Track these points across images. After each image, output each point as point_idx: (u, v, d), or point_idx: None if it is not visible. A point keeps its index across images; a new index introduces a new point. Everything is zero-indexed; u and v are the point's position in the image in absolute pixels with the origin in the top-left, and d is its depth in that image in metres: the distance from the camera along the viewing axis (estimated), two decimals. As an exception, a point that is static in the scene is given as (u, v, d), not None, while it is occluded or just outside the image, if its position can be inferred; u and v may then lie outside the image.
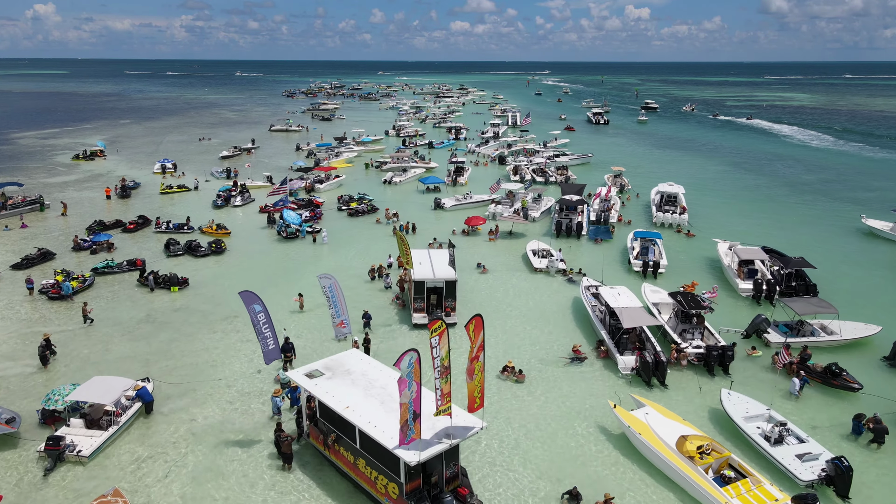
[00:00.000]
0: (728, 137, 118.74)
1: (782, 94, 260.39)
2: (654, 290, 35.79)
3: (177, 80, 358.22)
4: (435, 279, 33.53)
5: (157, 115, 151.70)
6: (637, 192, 66.82)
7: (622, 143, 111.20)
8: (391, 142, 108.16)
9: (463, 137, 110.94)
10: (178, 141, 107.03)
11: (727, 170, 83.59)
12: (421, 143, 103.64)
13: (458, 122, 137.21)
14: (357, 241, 49.74)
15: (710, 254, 45.96)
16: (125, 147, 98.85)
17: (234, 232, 51.24)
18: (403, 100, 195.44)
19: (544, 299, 38.25)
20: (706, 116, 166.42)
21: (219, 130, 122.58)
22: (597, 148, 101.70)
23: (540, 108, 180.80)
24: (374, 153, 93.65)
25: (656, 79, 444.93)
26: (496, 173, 78.65)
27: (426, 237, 49.88)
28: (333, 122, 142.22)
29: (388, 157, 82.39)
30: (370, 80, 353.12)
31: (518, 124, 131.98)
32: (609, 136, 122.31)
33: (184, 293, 38.50)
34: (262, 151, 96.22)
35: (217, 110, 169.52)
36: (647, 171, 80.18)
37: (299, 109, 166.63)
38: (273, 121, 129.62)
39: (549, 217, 56.44)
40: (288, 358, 28.68)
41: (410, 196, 66.16)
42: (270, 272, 42.22)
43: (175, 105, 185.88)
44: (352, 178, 74.75)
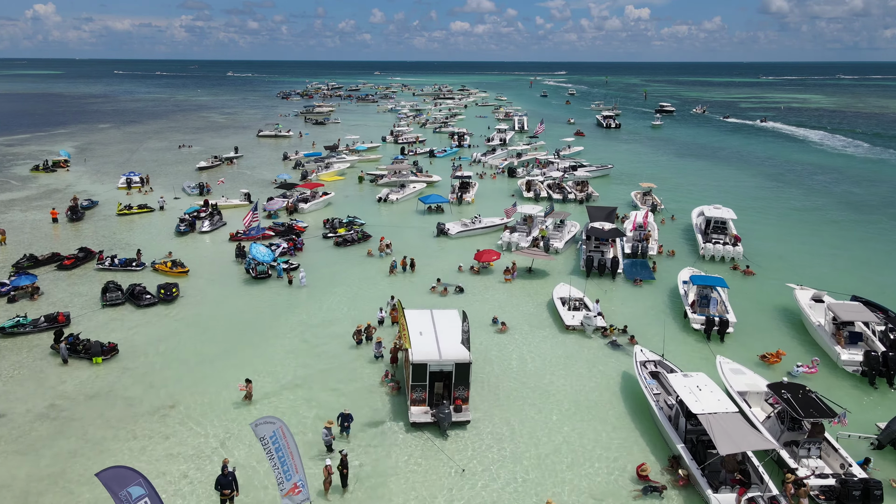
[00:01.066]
0: (753, 144, 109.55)
1: (795, 95, 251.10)
2: (735, 369, 26.63)
3: (170, 81, 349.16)
4: (441, 361, 24.45)
5: (141, 119, 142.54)
6: (672, 213, 57.65)
7: (639, 150, 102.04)
8: (388, 149, 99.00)
9: (467, 144, 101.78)
10: (156, 148, 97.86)
11: (766, 184, 74.41)
12: (421, 151, 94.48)
13: (460, 126, 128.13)
14: (343, 281, 40.60)
15: (782, 301, 36.85)
16: (95, 156, 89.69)
17: (194, 269, 42.09)
18: (402, 102, 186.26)
19: (583, 374, 29.11)
20: (717, 119, 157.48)
21: (203, 136, 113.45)
22: (612, 157, 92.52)
23: (547, 111, 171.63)
24: (370, 163, 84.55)
25: (660, 79, 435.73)
26: (505, 188, 69.51)
27: (428, 276, 40.81)
28: (327, 126, 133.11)
29: (383, 170, 73.28)
30: (368, 81, 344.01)
31: (525, 129, 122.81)
32: (623, 142, 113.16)
33: (109, 366, 29.34)
34: (246, 161, 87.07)
35: (206, 113, 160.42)
36: (674, 185, 71.06)
37: (292, 112, 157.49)
38: (262, 125, 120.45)
39: (575, 247, 47.34)
40: (226, 497, 19.57)
41: (409, 218, 57.02)
42: (225, 333, 33.02)
43: (163, 107, 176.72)
44: (342, 194, 65.64)
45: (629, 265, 41.96)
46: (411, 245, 47.90)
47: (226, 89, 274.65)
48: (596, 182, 70.45)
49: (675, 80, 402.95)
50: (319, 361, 29.95)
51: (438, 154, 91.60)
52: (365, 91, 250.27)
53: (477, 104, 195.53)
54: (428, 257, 45.12)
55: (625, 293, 39.28)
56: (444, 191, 66.40)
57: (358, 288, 39.39)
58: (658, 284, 40.21)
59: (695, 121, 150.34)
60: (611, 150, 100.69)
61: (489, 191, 67.71)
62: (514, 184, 71.24)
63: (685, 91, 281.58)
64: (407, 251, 45.63)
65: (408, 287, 39.52)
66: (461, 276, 41.48)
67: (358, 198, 64.83)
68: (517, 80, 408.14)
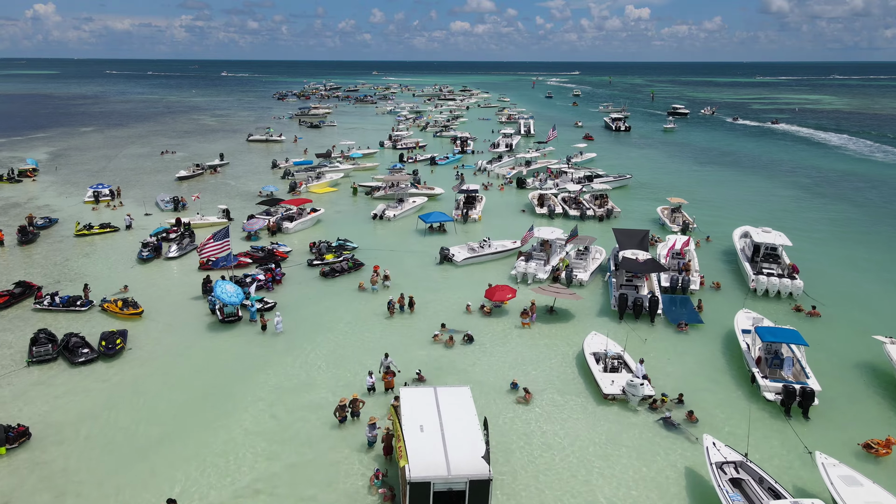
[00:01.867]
0: (775, 149, 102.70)
1: (807, 95, 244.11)
2: (847, 477, 19.68)
3: (165, 81, 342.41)
4: (450, 478, 17.64)
5: (128, 122, 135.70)
6: (707, 233, 50.80)
7: (654, 156, 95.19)
8: (386, 155, 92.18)
9: (470, 150, 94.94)
10: (137, 155, 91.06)
11: (803, 196, 67.57)
12: (421, 157, 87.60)
13: (462, 129, 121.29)
14: (328, 325, 33.80)
15: (867, 356, 30.07)
16: (69, 163, 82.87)
17: (151, 308, 35.31)
18: (402, 103, 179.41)
19: (631, 470, 22.29)
20: (727, 120, 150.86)
21: (189, 141, 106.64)
22: (626, 164, 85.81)
23: (552, 114, 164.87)
24: (366, 172, 77.74)
25: (663, 79, 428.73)
26: (514, 202, 62.65)
27: (430, 318, 34.05)
28: (323, 129, 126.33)
29: (380, 180, 66.48)
30: (367, 82, 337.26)
31: (532, 133, 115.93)
32: (635, 146, 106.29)
33: (12, 460, 22.52)
34: (232, 169, 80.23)
35: (197, 115, 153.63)
36: (702, 198, 64.19)
37: (287, 115, 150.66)
38: (253, 129, 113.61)
39: (602, 278, 40.54)
40: None
41: (408, 239, 50.17)
42: (174, 404, 26.20)
43: (153, 109, 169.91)
44: (334, 209, 58.83)
45: (670, 304, 35.20)
46: (410, 274, 41.16)
47: (221, 90, 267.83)
48: (613, 194, 63.61)
49: (679, 81, 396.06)
50: (291, 450, 23.16)
51: (440, 161, 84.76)
52: (363, 92, 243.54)
53: (479, 105, 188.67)
54: (430, 290, 38.35)
55: (668, 342, 32.42)
56: (447, 205, 59.63)
57: (346, 336, 32.56)
58: (707, 330, 33.39)
59: (706, 123, 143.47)
60: (623, 157, 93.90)
61: (497, 205, 60.85)
62: (524, 196, 64.43)
63: (691, 91, 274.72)
64: (405, 282, 38.94)
65: (406, 333, 32.78)
66: (469, 318, 34.68)
67: (351, 213, 57.95)
68: (519, 81, 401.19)
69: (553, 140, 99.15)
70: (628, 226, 52.97)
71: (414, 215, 56.17)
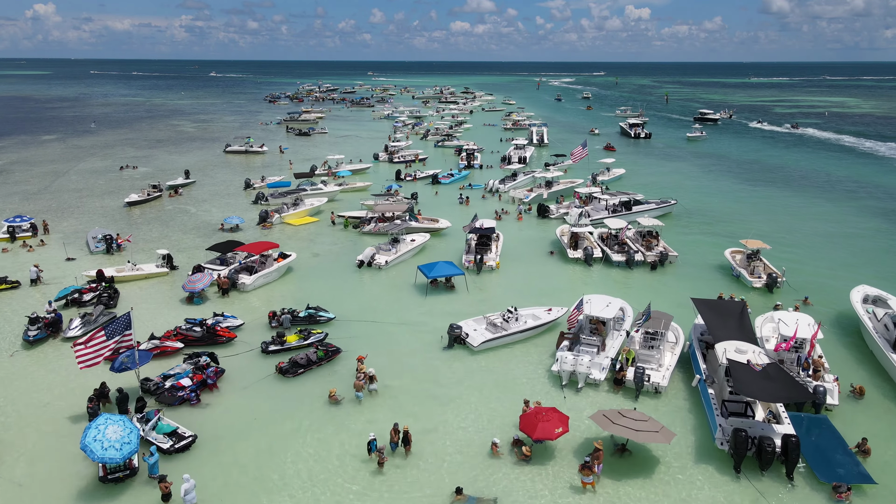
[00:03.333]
0: (825, 162, 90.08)
1: (828, 98, 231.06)
2: None
3: (155, 82, 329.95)
4: None
5: (99, 128, 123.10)
6: (801, 291, 38.22)
7: (687, 171, 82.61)
8: (381, 171, 79.67)
9: (477, 164, 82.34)
10: (92, 170, 78.55)
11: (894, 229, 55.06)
12: (422, 174, 74.96)
13: (467, 138, 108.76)
14: (276, 487, 21.30)
15: None
16: (5, 183, 70.38)
17: (10, 439, 22.82)
18: (400, 107, 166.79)
19: None
20: (750, 125, 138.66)
21: (159, 152, 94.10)
22: (657, 182, 73.63)
23: (564, 119, 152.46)
24: (356, 194, 65.26)
25: (669, 80, 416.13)
26: (538, 238, 49.96)
27: (435, 467, 21.60)
28: (312, 137, 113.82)
29: (369, 207, 53.96)
30: (365, 83, 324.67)
31: (545, 143, 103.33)
32: (661, 157, 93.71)
33: None
34: (197, 190, 67.70)
35: (178, 120, 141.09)
36: (768, 233, 51.56)
37: (275, 120, 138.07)
38: (232, 138, 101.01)
39: (690, 385, 27.96)
40: None
41: (405, 301, 37.63)
42: None
43: (132, 113, 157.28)
44: (309, 252, 46.31)
45: (817, 450, 22.62)
46: (406, 367, 28.76)
47: (211, 91, 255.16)
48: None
49: (686, 81, 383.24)
50: None
51: (443, 179, 72.16)
52: (360, 94, 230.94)
53: (483, 109, 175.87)
54: (436, 402, 25.97)
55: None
56: (455, 244, 47.19)
57: (299, 510, 20.08)
58: (881, 492, 20.91)
59: (734, 130, 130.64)
60: (651, 171, 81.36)
61: (517, 245, 48.23)
62: (549, 230, 51.91)
63: (702, 93, 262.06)
64: (399, 384, 26.58)
65: (400, 498, 20.32)
66: (499, 466, 22.19)
67: (330, 258, 45.20)
68: (523, 82, 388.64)
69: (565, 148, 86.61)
70: (691, 277, 40.63)
71: (412, 260, 43.71)
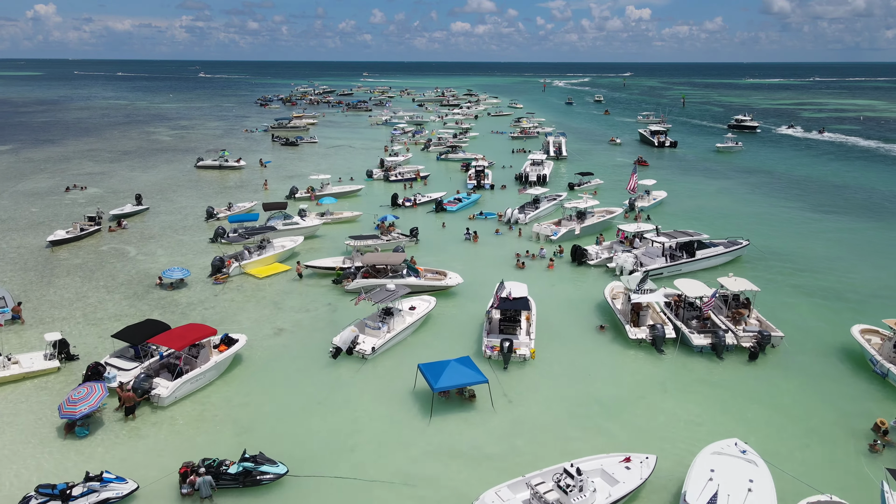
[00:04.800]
0: (883, 177, 77.48)
1: (854, 101, 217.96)
2: None
3: (147, 84, 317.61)
4: None
5: (65, 136, 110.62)
6: None
7: (735, 191, 70.07)
8: (375, 192, 67.31)
9: (488, 184, 69.76)
10: (30, 192, 66.12)
11: None
12: (423, 198, 62.41)
13: (474, 148, 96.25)
14: None
15: None
16: (-83, 211, 58.01)
17: None
18: (399, 111, 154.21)
19: None
20: (769, 130, 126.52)
21: (119, 167, 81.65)
22: (703, 206, 61.41)
23: (577, 124, 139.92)
24: (341, 228, 52.80)
25: (675, 81, 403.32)
26: (582, 304, 37.25)
27: None
28: (300, 148, 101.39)
29: (356, 248, 41.60)
30: (364, 85, 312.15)
31: (563, 155, 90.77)
32: (698, 173, 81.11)
33: None
34: (147, 222, 55.18)
35: (155, 126, 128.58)
36: (881, 290, 39.09)
37: (261, 127, 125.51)
38: (205, 151, 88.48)
39: None
40: None
41: (395, 429, 25.13)
42: None
43: (108, 118, 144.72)
44: (267, 329, 33.69)
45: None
46: None
47: (201, 94, 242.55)
48: (719, 272, 38.48)
49: (698, 83, 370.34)
50: None
51: (449, 206, 59.65)
52: (358, 97, 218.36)
53: (489, 114, 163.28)
54: None
55: None
56: (470, 310, 34.76)
57: None
58: None
59: (761, 136, 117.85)
60: (690, 191, 68.85)
61: (551, 309, 35.65)
62: (591, 284, 39.54)
63: (718, 95, 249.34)
64: None
65: None
66: None
67: (296, 342, 32.35)
68: (527, 83, 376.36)
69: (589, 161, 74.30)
70: (811, 375, 28.25)
71: (412, 339, 31.30)
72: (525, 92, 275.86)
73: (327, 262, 41.38)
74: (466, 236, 49.86)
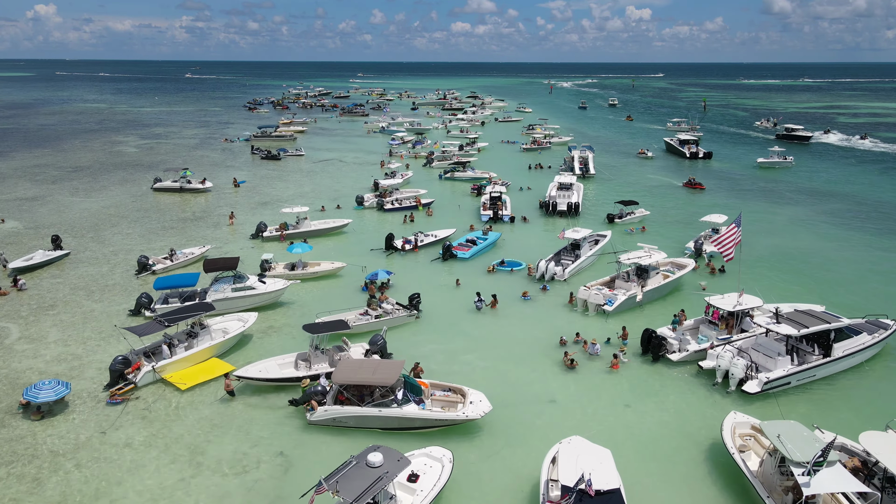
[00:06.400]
0: None
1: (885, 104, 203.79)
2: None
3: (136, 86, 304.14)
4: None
5: (16, 147, 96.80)
6: None
7: (814, 224, 56.41)
8: (366, 225, 53.71)
9: (507, 216, 55.90)
10: (-68, 228, 52.42)
11: None
12: (426, 238, 48.58)
13: (483, 163, 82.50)
14: None
15: None
16: None
17: None
18: (399, 117, 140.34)
19: None
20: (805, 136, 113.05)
21: (61, 190, 67.99)
22: (780, 247, 47.62)
23: (594, 131, 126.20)
24: (318, 290, 39.10)
25: (685, 82, 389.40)
26: (671, 421, 23.56)
27: None
28: (283, 161, 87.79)
29: (316, 348, 28.07)
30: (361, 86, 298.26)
31: (589, 173, 77.06)
32: (753, 195, 67.18)
33: None
34: (59, 278, 41.36)
35: (126, 135, 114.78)
36: None
37: (241, 136, 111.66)
38: (163, 170, 74.37)
39: None
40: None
41: None
42: None
43: (77, 124, 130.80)
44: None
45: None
46: None
47: (187, 97, 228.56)
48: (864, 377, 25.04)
49: (710, 83, 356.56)
50: None
51: (461, 251, 45.83)
52: (355, 100, 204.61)
53: (496, 119, 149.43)
54: None
55: None
56: (502, 457, 21.02)
57: None
58: None
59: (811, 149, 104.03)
60: (755, 225, 55.01)
61: (634, 461, 22.04)
62: (675, 392, 26.13)
63: (733, 97, 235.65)
64: None
65: None
66: None
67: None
68: (531, 84, 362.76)
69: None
70: None
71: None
72: (531, 94, 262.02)
73: (278, 368, 27.62)
74: (479, 303, 36.12)
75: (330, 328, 28.44)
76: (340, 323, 29.65)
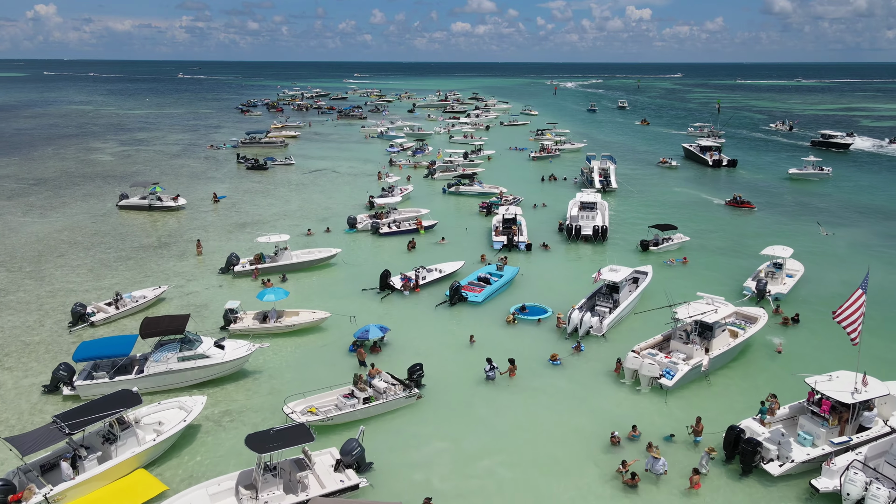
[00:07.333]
0: None
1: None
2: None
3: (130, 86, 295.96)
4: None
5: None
6: None
7: (878, 248, 48.40)
8: (358, 259, 45.55)
9: (523, 243, 47.66)
10: None
11: None
12: (429, 275, 40.40)
13: (490, 175, 74.37)
14: None
15: None
16: None
17: None
18: (398, 121, 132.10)
19: None
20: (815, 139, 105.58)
21: (12, 208, 59.98)
22: (848, 284, 39.17)
23: (606, 137, 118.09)
24: (283, 346, 30.91)
25: (691, 83, 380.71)
26: None
27: None
28: (272, 171, 79.73)
29: (263, 471, 19.93)
30: (360, 87, 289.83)
31: (610, 186, 68.90)
32: (797, 217, 58.97)
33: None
34: (-25, 329, 33.36)
35: (104, 141, 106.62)
36: None
37: (228, 142, 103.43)
38: (129, 186, 65.69)
39: None
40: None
41: None
42: None
43: (57, 128, 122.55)
44: None
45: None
46: None
47: (179, 98, 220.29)
48: None
49: (715, 84, 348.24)
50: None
51: (470, 291, 37.58)
52: (352, 101, 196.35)
53: (502, 123, 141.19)
54: None
55: None
56: None
57: None
58: None
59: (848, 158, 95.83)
60: (810, 255, 46.93)
61: None
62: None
63: (744, 98, 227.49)
64: None
65: None
66: None
67: None
68: (534, 85, 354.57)
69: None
70: None
71: None
72: (535, 95, 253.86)
73: (209, 502, 19.40)
74: (491, 373, 28.00)
75: (286, 441, 19.91)
76: (300, 433, 20.69)
